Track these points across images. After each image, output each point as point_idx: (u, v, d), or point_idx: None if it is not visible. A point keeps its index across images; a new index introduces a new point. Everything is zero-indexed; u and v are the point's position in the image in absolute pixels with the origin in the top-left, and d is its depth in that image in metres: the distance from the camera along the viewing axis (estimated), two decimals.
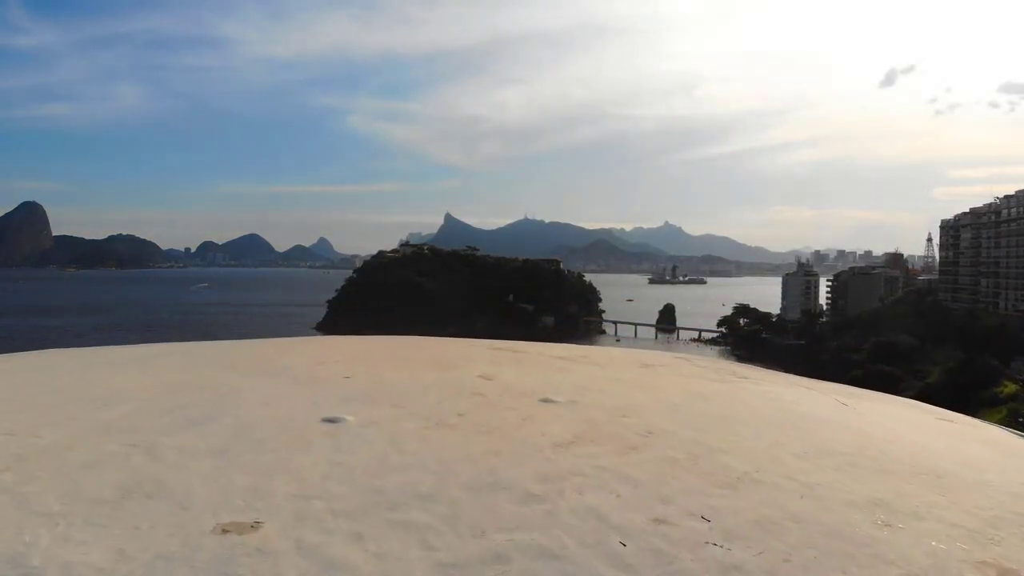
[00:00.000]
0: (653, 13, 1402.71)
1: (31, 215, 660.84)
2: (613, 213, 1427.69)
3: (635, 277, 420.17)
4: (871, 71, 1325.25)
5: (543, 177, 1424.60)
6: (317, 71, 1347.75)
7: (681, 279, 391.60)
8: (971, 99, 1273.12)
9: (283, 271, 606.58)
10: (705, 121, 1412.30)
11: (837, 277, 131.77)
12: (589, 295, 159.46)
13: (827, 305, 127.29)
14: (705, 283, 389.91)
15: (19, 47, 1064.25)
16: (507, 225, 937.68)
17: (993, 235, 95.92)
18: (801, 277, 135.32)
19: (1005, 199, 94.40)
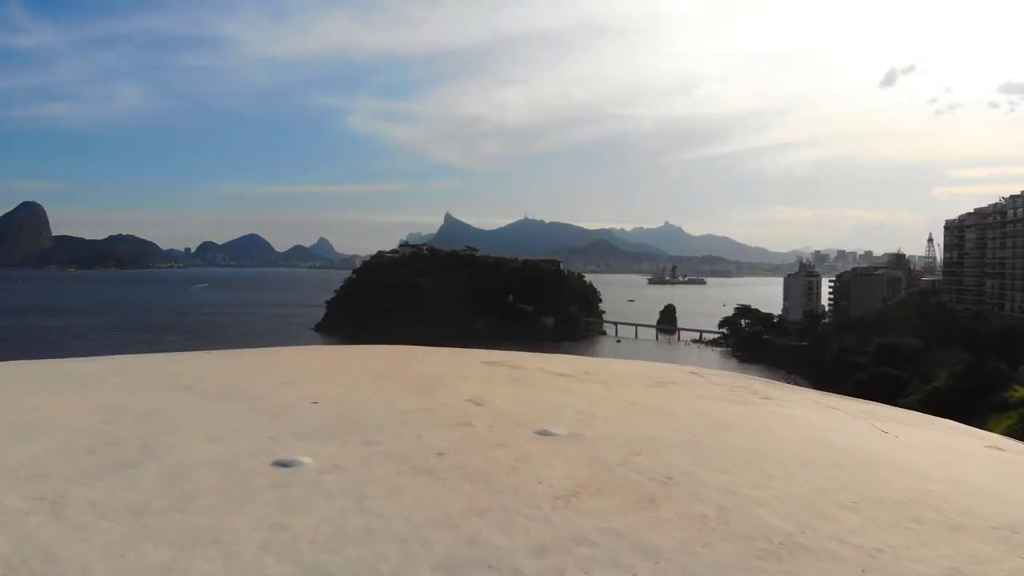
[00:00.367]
0: (653, 13, 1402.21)
1: (31, 215, 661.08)
2: (613, 213, 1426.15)
3: (635, 277, 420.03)
4: (871, 71, 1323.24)
5: (543, 177, 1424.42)
6: (317, 71, 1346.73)
7: (681, 279, 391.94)
8: (971, 99, 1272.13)
9: (283, 271, 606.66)
10: (705, 121, 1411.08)
11: (839, 278, 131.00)
12: (589, 295, 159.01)
13: (829, 306, 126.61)
14: (705, 283, 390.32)
15: (19, 47, 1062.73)
16: (507, 225, 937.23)
17: (998, 236, 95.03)
18: (803, 278, 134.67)
19: (1011, 199, 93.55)
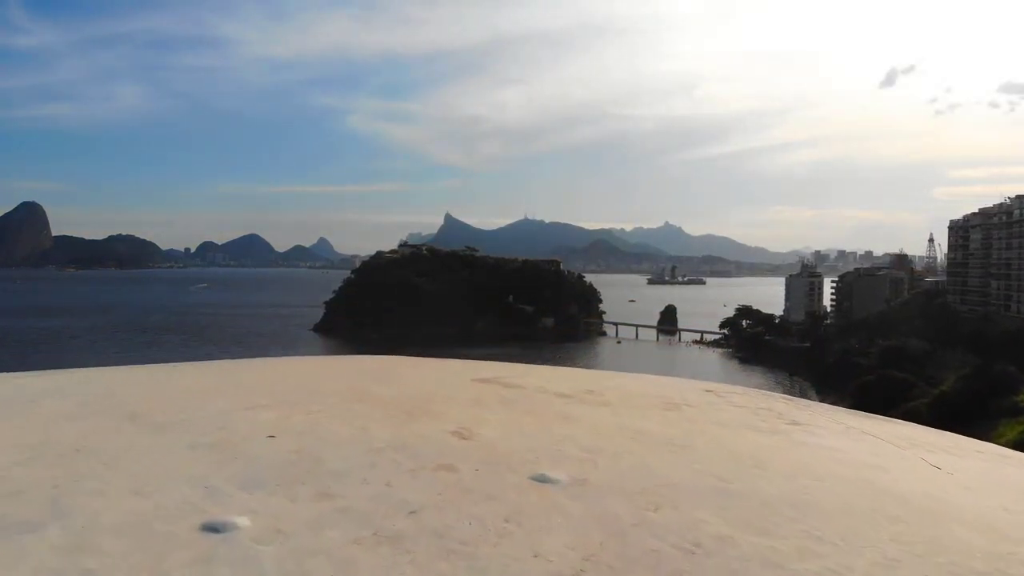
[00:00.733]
0: (653, 13, 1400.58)
1: (31, 215, 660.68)
2: (613, 213, 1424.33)
3: (635, 277, 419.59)
4: (871, 71, 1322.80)
5: (543, 177, 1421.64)
6: (317, 71, 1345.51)
7: (680, 279, 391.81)
8: (971, 99, 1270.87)
9: (283, 271, 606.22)
10: (705, 121, 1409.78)
11: (842, 278, 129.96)
12: (589, 296, 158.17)
13: (831, 307, 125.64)
14: (704, 283, 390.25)
15: (19, 47, 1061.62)
16: (507, 225, 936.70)
17: (1005, 236, 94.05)
18: (805, 278, 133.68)
19: (1017, 199, 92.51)
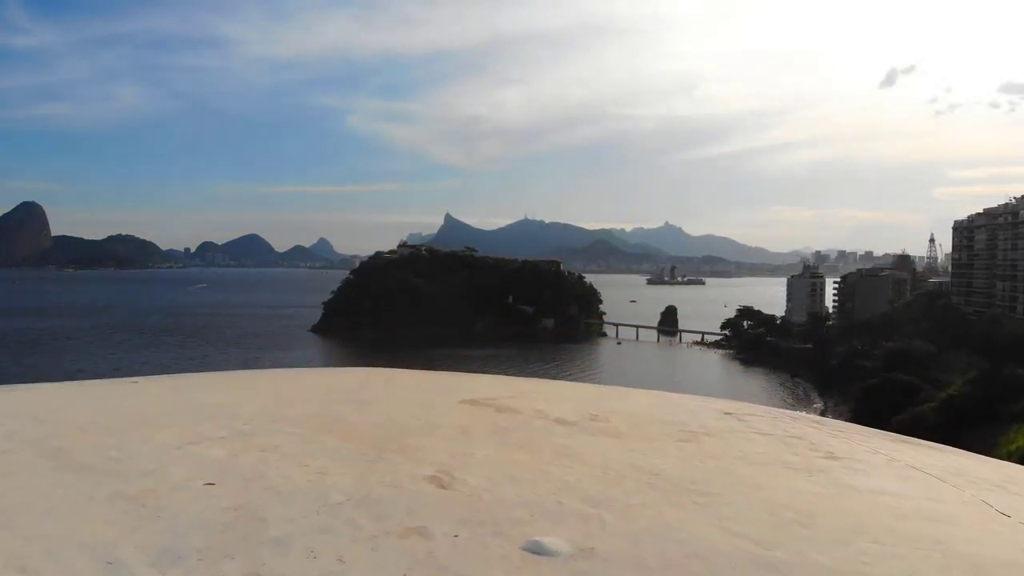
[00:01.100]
0: (653, 13, 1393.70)
1: (30, 215, 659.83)
2: (613, 213, 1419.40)
3: (635, 278, 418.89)
4: (871, 71, 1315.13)
5: (543, 177, 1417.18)
6: (317, 71, 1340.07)
7: (680, 280, 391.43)
8: (971, 99, 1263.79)
9: (282, 271, 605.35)
10: (705, 121, 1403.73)
11: (844, 279, 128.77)
12: (589, 296, 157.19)
13: (834, 308, 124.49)
14: (703, 284, 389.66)
15: (19, 47, 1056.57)
16: (507, 225, 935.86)
17: (1010, 236, 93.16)
18: (807, 279, 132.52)
19: (1023, 199, 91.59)
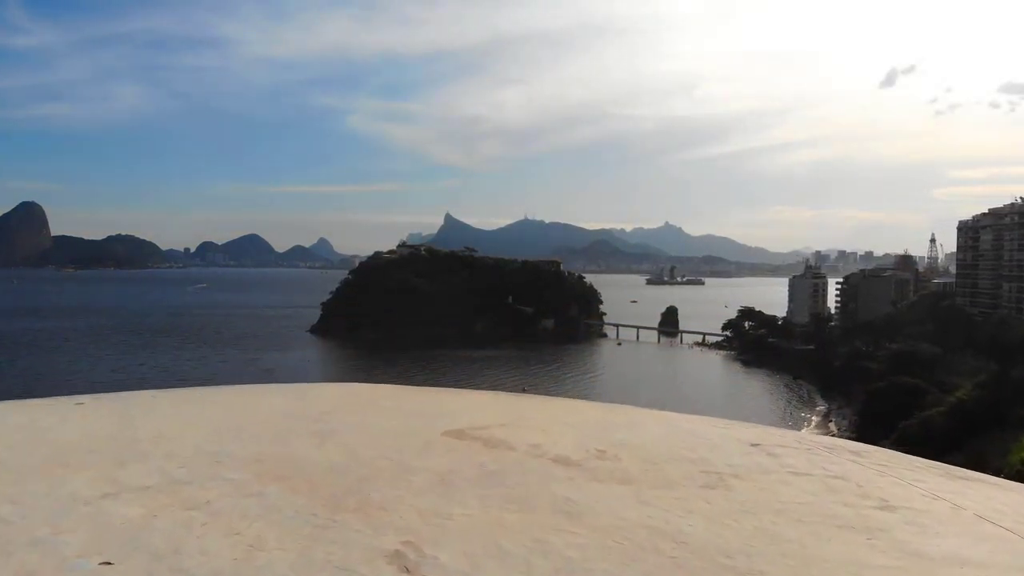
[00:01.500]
0: (653, 13, 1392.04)
1: (29, 215, 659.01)
2: (613, 213, 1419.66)
3: (634, 278, 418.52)
4: (871, 71, 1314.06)
5: (543, 177, 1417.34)
6: (317, 71, 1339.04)
7: (679, 280, 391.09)
8: (971, 99, 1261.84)
9: (282, 271, 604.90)
10: (705, 121, 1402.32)
11: (847, 280, 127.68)
12: (590, 297, 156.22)
13: (836, 308, 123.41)
14: (703, 284, 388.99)
15: (19, 47, 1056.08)
16: (507, 225, 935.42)
17: (1017, 237, 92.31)
18: (809, 279, 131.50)
19: None
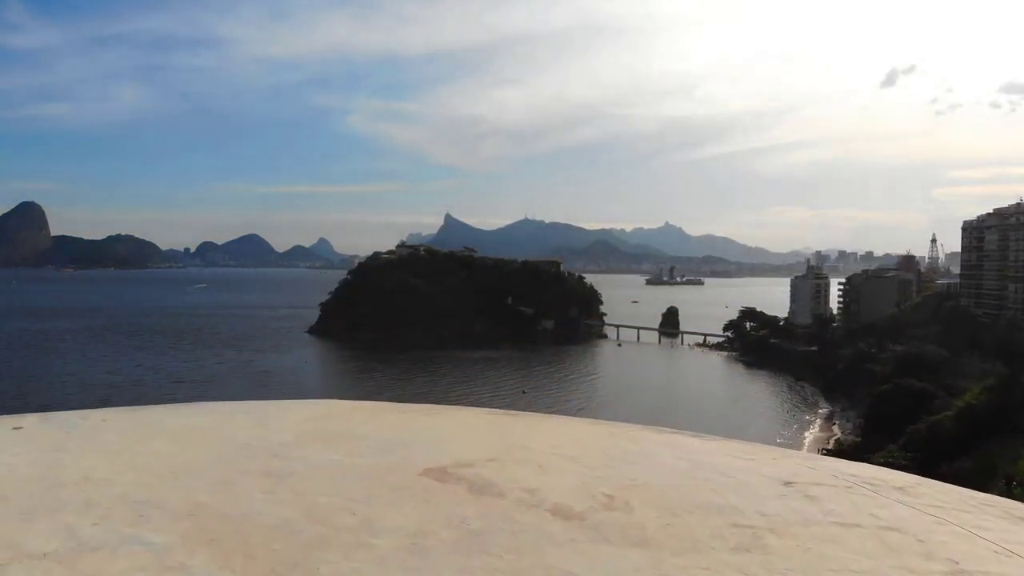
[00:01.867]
0: (653, 13, 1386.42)
1: (29, 215, 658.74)
2: (613, 213, 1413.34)
3: (634, 278, 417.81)
4: (871, 71, 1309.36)
5: (543, 177, 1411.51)
6: (317, 71, 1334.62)
7: (679, 280, 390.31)
8: (972, 99, 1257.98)
9: (282, 271, 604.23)
10: (705, 121, 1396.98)
11: (849, 280, 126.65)
12: (590, 297, 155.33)
13: (838, 309, 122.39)
14: (703, 284, 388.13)
15: (19, 47, 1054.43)
16: (507, 225, 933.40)
17: (1022, 237, 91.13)
18: (811, 280, 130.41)
19: None
